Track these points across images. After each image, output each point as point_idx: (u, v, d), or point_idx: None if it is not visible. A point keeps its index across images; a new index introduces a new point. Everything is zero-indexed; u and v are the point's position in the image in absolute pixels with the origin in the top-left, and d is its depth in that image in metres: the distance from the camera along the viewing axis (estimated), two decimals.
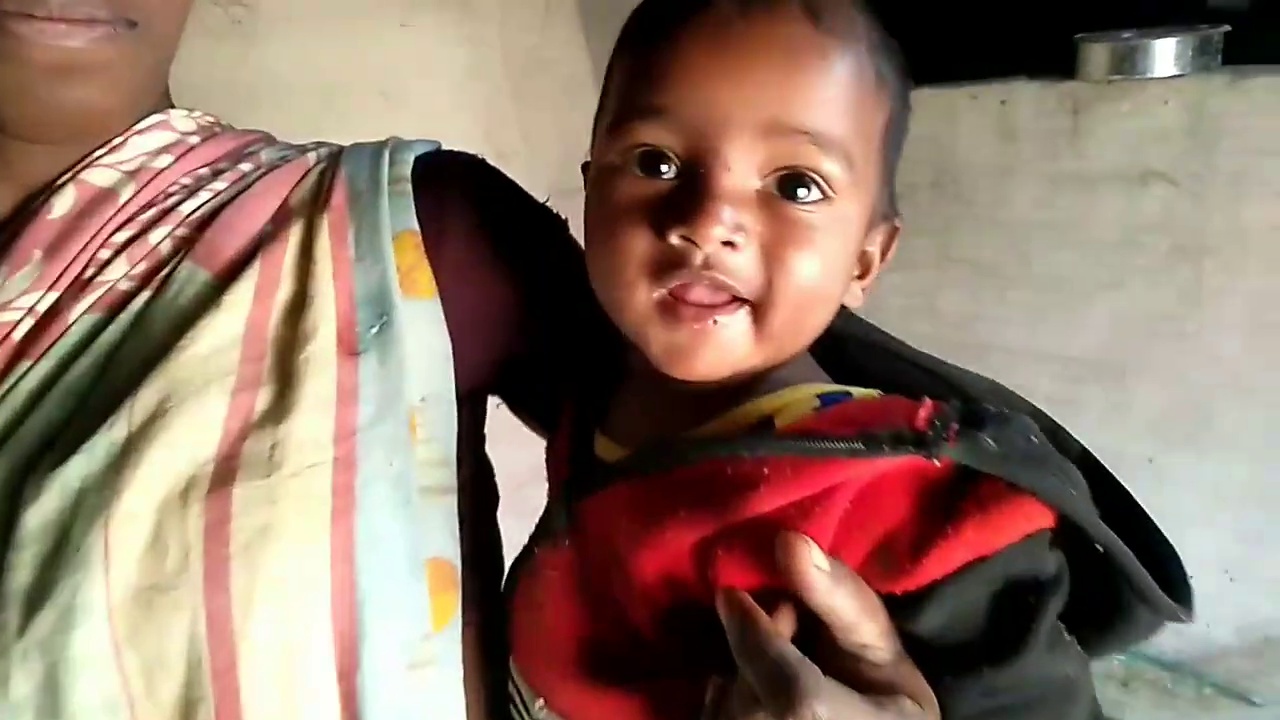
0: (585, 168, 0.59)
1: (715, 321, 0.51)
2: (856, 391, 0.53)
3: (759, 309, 0.51)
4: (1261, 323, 1.87)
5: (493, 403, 0.73)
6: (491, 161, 0.72)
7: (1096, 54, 1.93)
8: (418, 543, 0.59)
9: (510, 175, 0.73)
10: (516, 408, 0.76)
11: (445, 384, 0.63)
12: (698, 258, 0.49)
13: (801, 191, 0.50)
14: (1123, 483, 0.53)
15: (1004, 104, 2.06)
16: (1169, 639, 2.09)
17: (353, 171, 0.66)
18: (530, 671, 0.62)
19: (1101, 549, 0.47)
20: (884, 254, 0.58)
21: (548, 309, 0.70)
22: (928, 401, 0.48)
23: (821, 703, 0.42)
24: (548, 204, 0.74)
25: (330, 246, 0.62)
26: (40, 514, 0.54)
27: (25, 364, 0.59)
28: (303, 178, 0.67)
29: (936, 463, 0.45)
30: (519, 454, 0.77)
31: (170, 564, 0.53)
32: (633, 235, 0.51)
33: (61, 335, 0.59)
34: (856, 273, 0.57)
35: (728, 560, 0.49)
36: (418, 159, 0.68)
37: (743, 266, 0.50)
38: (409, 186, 0.65)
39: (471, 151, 0.72)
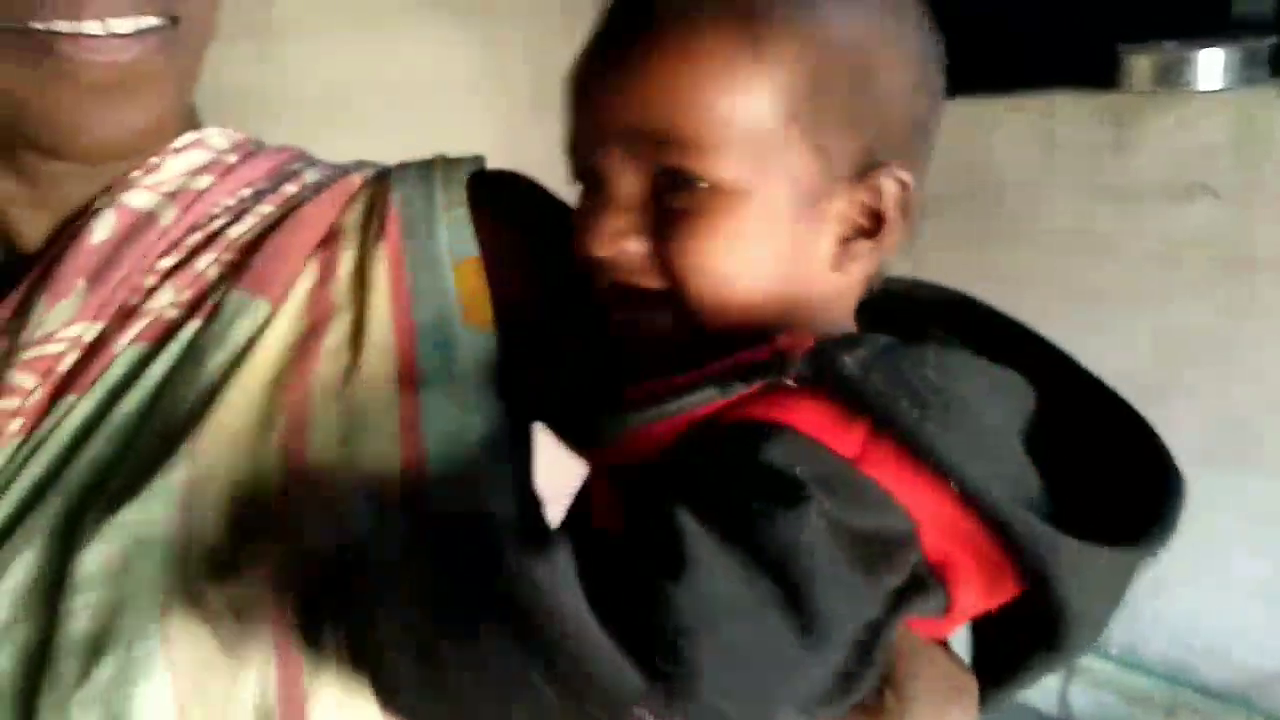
0: None
1: (645, 322, 0.54)
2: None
3: (675, 298, 0.52)
4: None
5: None
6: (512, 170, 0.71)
7: (1140, 65, 1.90)
8: None
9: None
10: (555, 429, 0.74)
11: (501, 415, 0.61)
12: (603, 265, 0.53)
13: (679, 185, 0.51)
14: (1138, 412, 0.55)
15: (1045, 115, 2.03)
16: (1216, 668, 2.04)
17: (405, 196, 0.64)
18: None
19: (950, 482, 0.44)
20: (902, 210, 0.54)
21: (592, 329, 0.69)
22: (807, 335, 0.48)
23: None
24: None
25: (387, 275, 0.61)
26: (96, 558, 0.52)
27: (71, 398, 0.57)
28: (349, 200, 0.65)
29: (788, 382, 0.45)
30: None
31: (232, 614, 0.51)
32: (576, 251, 0.55)
33: (107, 367, 0.57)
34: (848, 233, 0.53)
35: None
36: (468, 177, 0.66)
37: (637, 265, 0.52)
38: (465, 211, 0.64)
39: (489, 158, 0.70)
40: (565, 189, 0.71)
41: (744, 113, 0.49)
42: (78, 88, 0.52)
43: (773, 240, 0.52)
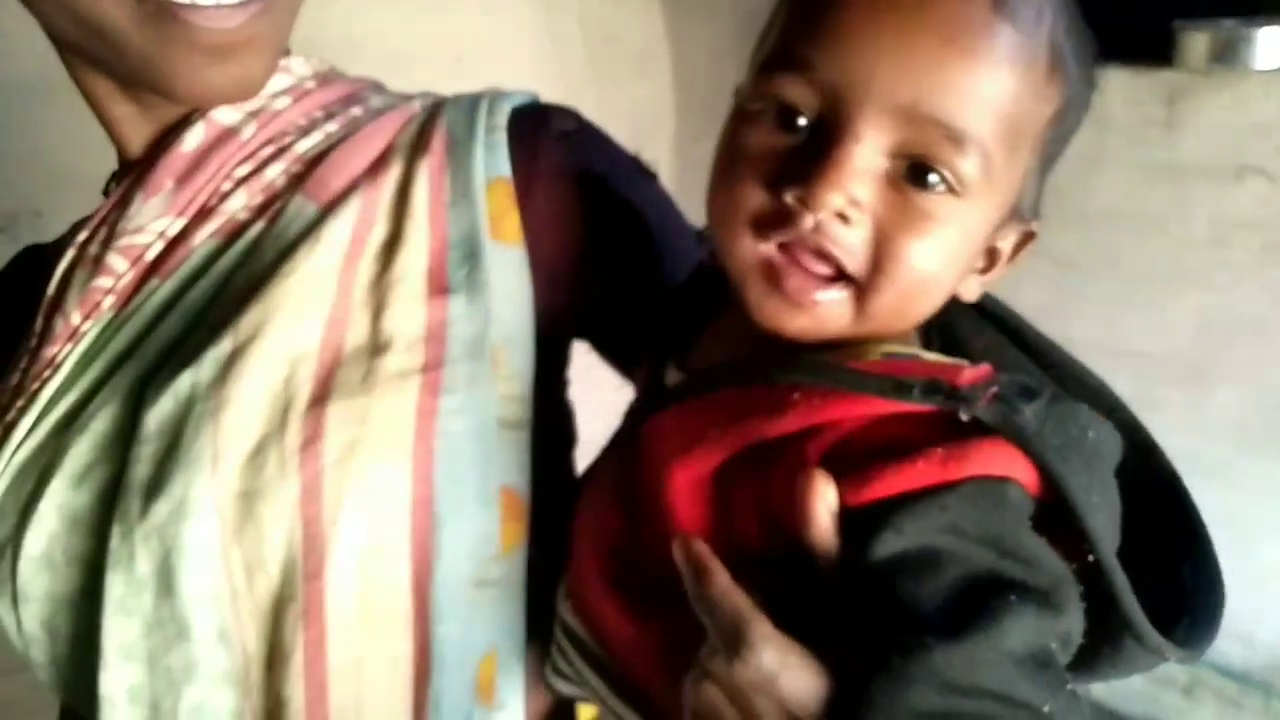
0: (737, 91, 0.56)
1: (815, 300, 0.50)
2: (928, 355, 0.53)
3: (862, 290, 0.50)
4: None
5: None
6: None
7: (1196, 43, 1.87)
8: (492, 471, 0.63)
9: None
10: (600, 349, 0.78)
11: (526, 326, 0.66)
12: (808, 221, 0.48)
13: (930, 180, 0.48)
14: (1199, 513, 0.52)
15: (1098, 92, 2.00)
16: (1237, 648, 2.04)
17: (453, 120, 0.70)
18: (571, 572, 0.64)
19: (1092, 558, 0.45)
20: (1015, 254, 0.55)
21: (633, 258, 0.73)
22: (984, 367, 0.48)
23: (767, 652, 0.43)
24: (639, 156, 0.76)
25: (427, 189, 0.66)
26: (157, 416, 0.60)
27: (154, 282, 0.66)
28: (406, 123, 0.71)
29: (963, 416, 0.44)
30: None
31: (269, 472, 0.59)
32: (749, 185, 0.50)
33: (186, 258, 0.66)
34: (980, 266, 0.55)
35: (741, 484, 0.50)
36: (515, 109, 0.71)
37: (852, 242, 0.49)
38: (504, 136, 0.68)
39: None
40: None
41: (1023, 129, 0.49)
42: (194, 49, 0.60)
43: (967, 256, 0.51)
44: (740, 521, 0.51)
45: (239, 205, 0.67)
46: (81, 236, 0.69)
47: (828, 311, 0.50)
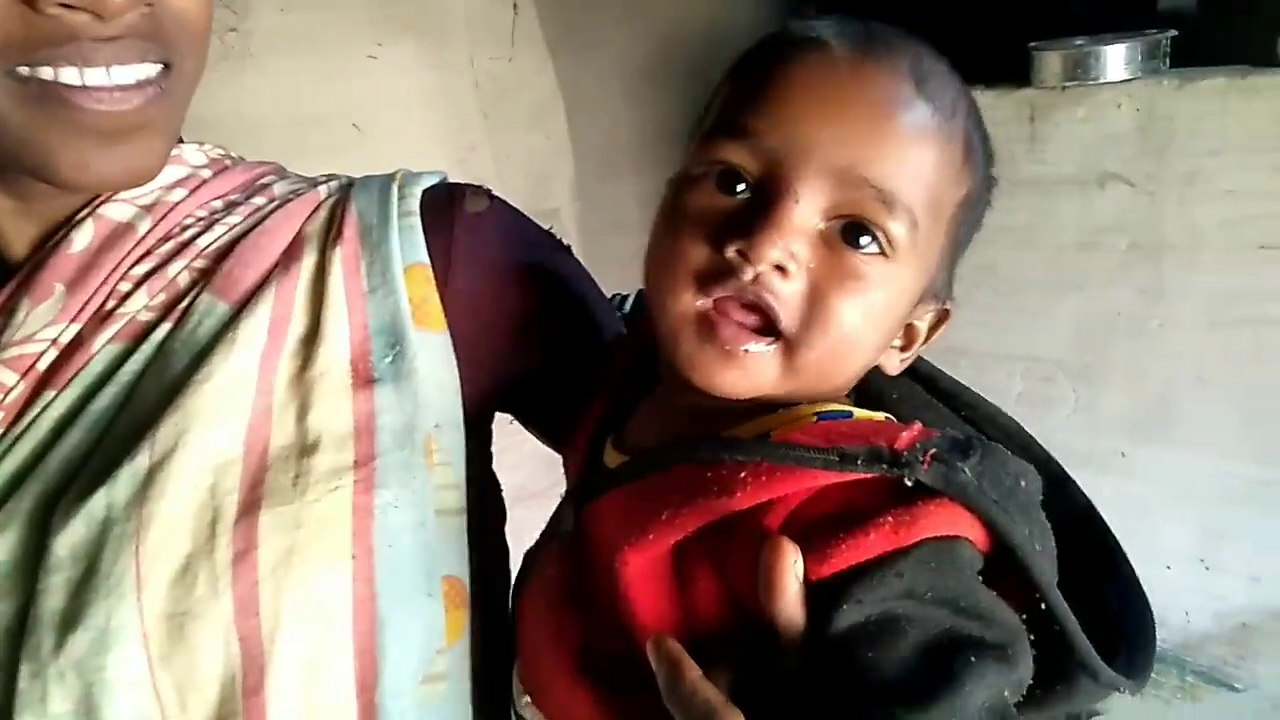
0: (671, 181, 0.59)
1: (746, 350, 0.52)
2: (858, 413, 0.55)
3: (791, 344, 0.52)
4: (1219, 319, 1.91)
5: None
6: None
7: (1050, 61, 1.98)
8: (433, 562, 0.61)
9: None
10: (527, 423, 0.77)
11: (455, 412, 0.65)
12: (748, 274, 0.51)
13: (862, 241, 0.52)
14: (1118, 543, 0.55)
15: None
16: None
17: (363, 205, 0.67)
18: (523, 666, 0.63)
19: (1043, 605, 0.47)
20: (930, 333, 0.59)
21: (557, 332, 0.72)
22: (916, 426, 0.49)
23: None
24: (551, 230, 0.76)
25: (343, 279, 0.64)
26: (69, 542, 0.55)
27: (50, 394, 0.60)
28: (314, 211, 0.68)
29: (908, 482, 0.46)
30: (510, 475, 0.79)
31: (200, 591, 0.55)
32: (692, 242, 0.53)
33: (85, 365, 0.61)
34: (899, 343, 0.58)
35: (697, 563, 0.51)
36: (425, 190, 0.69)
37: (788, 294, 0.51)
38: (418, 220, 0.67)
39: (449, 176, 0.74)
40: (515, 202, 0.75)
41: (941, 202, 0.54)
42: (81, 133, 0.55)
43: (891, 324, 0.55)
44: (700, 600, 0.51)
45: (139, 305, 0.62)
46: None
47: (756, 365, 0.52)
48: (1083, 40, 1.97)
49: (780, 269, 0.51)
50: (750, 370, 0.52)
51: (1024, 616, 0.47)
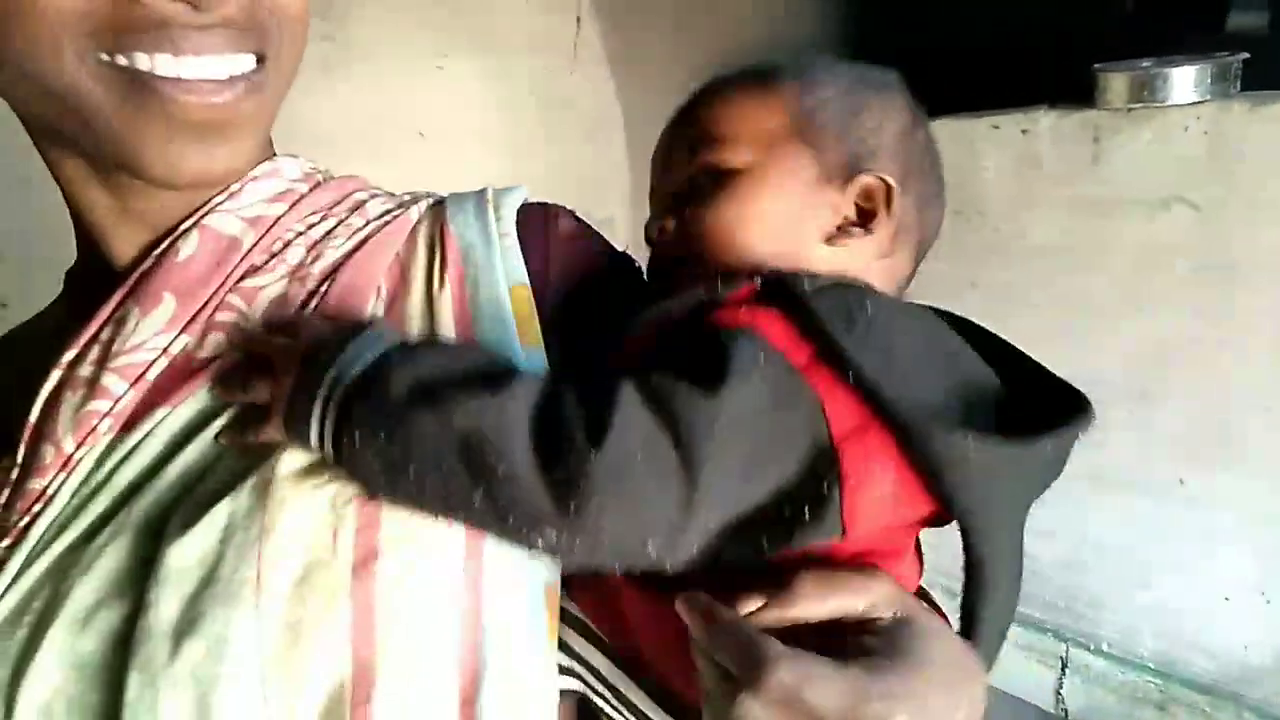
0: None
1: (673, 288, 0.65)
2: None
3: (694, 259, 0.67)
4: None
5: None
6: None
7: (1115, 83, 1.96)
8: (533, 571, 0.61)
9: None
10: None
11: None
12: (651, 246, 0.73)
13: (711, 172, 0.68)
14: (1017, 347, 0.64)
15: (1025, 133, 2.08)
16: (1205, 662, 2.08)
17: (462, 228, 0.68)
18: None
19: (862, 391, 0.53)
20: (887, 206, 0.68)
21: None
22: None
23: (785, 668, 0.46)
24: (626, 251, 0.77)
25: (451, 303, 0.64)
26: (186, 551, 0.56)
27: (164, 410, 0.60)
28: (412, 233, 0.69)
29: (755, 286, 0.60)
30: None
31: (319, 599, 0.55)
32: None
33: (199, 381, 0.61)
34: (843, 221, 0.67)
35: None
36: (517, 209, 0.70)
37: (670, 238, 0.70)
38: (515, 240, 0.67)
39: (496, 185, 0.74)
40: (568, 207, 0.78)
41: (756, 122, 0.68)
42: (173, 126, 0.55)
43: (772, 212, 0.66)
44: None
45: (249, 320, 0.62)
46: (68, 356, 0.62)
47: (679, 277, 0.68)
48: (1149, 62, 1.94)
49: (662, 230, 0.71)
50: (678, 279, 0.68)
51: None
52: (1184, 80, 1.90)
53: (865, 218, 0.68)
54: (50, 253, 0.73)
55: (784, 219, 0.67)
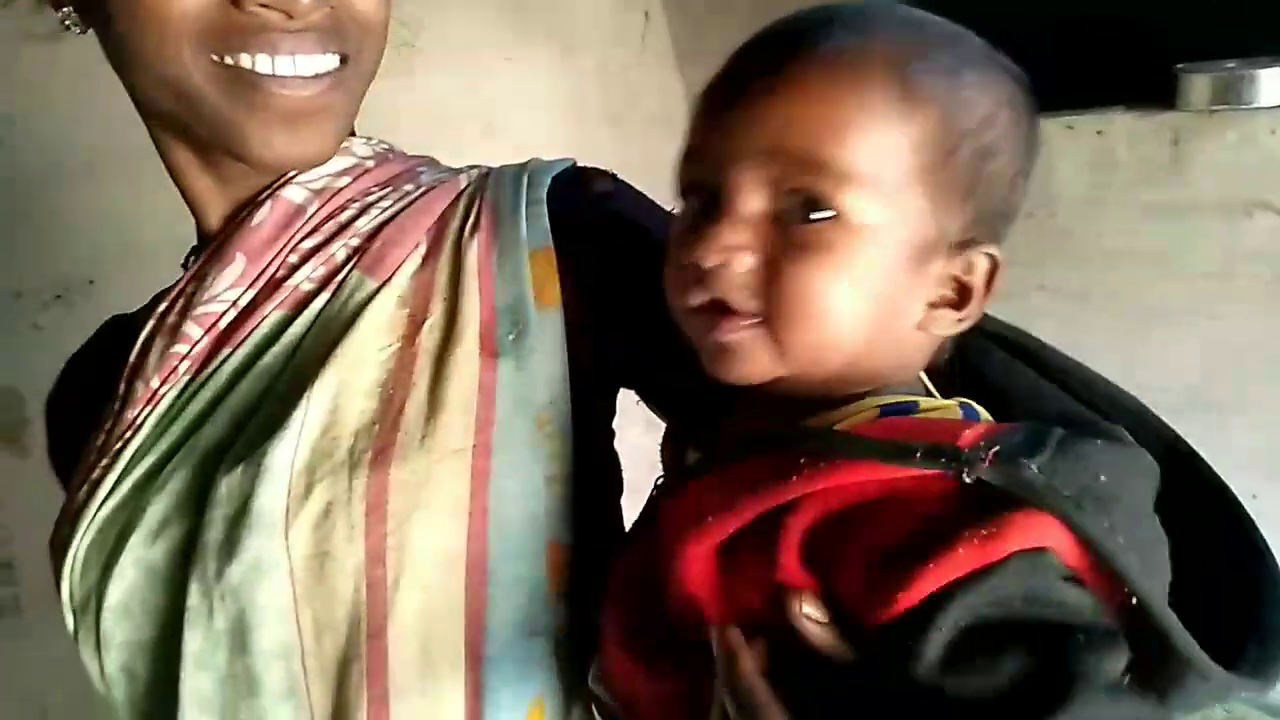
0: None
1: (733, 337, 0.54)
2: (924, 402, 0.55)
3: (769, 323, 0.54)
4: None
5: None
6: None
7: (1198, 85, 1.90)
8: (539, 526, 0.67)
9: None
10: (647, 400, 0.81)
11: (565, 385, 0.70)
12: (705, 278, 0.54)
13: (810, 212, 0.52)
14: (1256, 525, 0.53)
15: (1100, 134, 2.04)
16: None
17: (497, 195, 0.75)
18: (601, 653, 0.67)
19: (1135, 601, 0.44)
20: (988, 284, 0.57)
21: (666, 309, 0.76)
22: (984, 423, 0.49)
23: None
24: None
25: (477, 263, 0.71)
26: (230, 482, 0.64)
27: (227, 350, 0.70)
28: (455, 199, 0.76)
29: (967, 479, 0.44)
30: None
31: (338, 537, 0.63)
32: (673, 266, 0.58)
33: (256, 327, 0.71)
34: (937, 300, 0.56)
35: (746, 556, 0.52)
36: (556, 176, 0.76)
37: (741, 280, 0.53)
38: (544, 208, 0.73)
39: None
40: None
41: (884, 153, 0.52)
42: (269, 115, 0.65)
43: (879, 286, 0.53)
44: (744, 594, 0.52)
45: (303, 277, 0.72)
46: (161, 307, 0.74)
47: (749, 349, 0.54)
48: (1234, 63, 1.89)
49: (726, 262, 0.53)
50: (745, 354, 0.54)
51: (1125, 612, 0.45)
52: (1270, 82, 1.84)
53: (961, 293, 0.57)
54: (124, 238, 0.90)
55: (889, 297, 0.54)
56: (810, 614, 0.47)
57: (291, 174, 0.72)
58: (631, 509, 0.74)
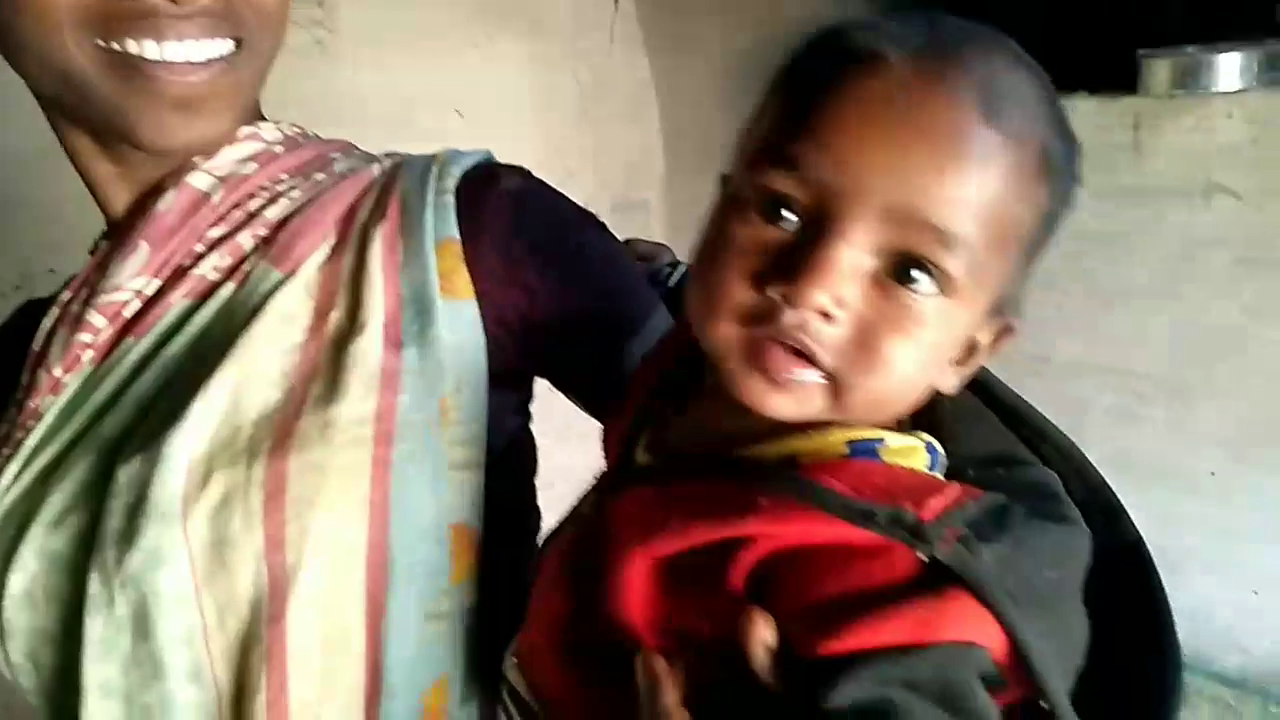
0: (724, 179, 0.56)
1: (792, 379, 0.49)
2: (890, 439, 0.52)
3: (839, 383, 0.49)
4: None
5: None
6: (558, 177, 0.78)
7: (1158, 69, 1.93)
8: (442, 511, 0.67)
9: (575, 190, 0.79)
10: (562, 390, 0.81)
11: (477, 374, 0.70)
12: (790, 317, 0.48)
13: (916, 281, 0.48)
14: (1165, 593, 0.54)
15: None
16: (1233, 655, 2.07)
17: (406, 185, 0.74)
18: (522, 638, 0.66)
19: (1045, 704, 0.45)
20: (994, 346, 0.55)
21: (575, 309, 0.75)
22: (954, 490, 0.48)
23: None
24: (585, 208, 0.79)
25: (382, 255, 0.70)
26: (129, 471, 0.64)
27: (131, 340, 0.70)
28: (366, 189, 0.75)
29: (923, 558, 0.44)
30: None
31: (236, 525, 0.62)
32: (733, 278, 0.50)
33: (160, 316, 0.70)
34: (957, 358, 0.54)
35: (691, 578, 0.50)
36: (468, 169, 0.75)
37: (832, 340, 0.48)
38: (451, 199, 0.72)
39: (530, 166, 0.78)
40: (608, 194, 0.78)
41: (1012, 231, 0.49)
42: (158, 101, 0.64)
43: (949, 351, 0.52)
44: (685, 614, 0.51)
45: (209, 267, 0.70)
46: (66, 295, 0.73)
47: (805, 394, 0.50)
48: (1194, 49, 1.92)
49: (826, 314, 0.47)
50: (798, 397, 0.50)
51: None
52: (1229, 67, 1.87)
53: (968, 354, 0.54)
54: (87, 226, 0.81)
55: (944, 359, 0.52)
56: (764, 639, 0.46)
57: (196, 160, 0.71)
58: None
